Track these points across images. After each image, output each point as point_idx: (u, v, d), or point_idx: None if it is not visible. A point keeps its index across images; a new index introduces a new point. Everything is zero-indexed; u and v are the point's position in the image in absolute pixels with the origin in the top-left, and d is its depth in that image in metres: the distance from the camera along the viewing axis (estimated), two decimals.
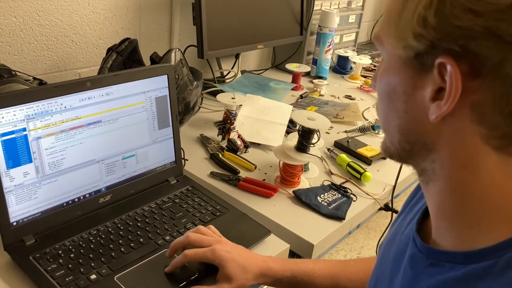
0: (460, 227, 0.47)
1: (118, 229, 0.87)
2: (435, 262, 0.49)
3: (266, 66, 2.02)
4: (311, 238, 0.95)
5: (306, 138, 1.06)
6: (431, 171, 0.48)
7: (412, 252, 0.54)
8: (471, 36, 0.38)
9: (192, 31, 1.46)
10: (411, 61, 0.44)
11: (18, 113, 0.77)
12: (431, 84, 0.43)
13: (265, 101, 1.40)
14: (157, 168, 1.02)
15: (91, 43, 1.38)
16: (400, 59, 0.45)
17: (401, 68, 0.45)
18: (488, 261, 0.43)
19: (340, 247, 2.58)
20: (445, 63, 0.40)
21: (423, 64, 0.43)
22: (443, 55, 0.40)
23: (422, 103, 0.44)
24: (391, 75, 0.47)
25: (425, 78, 0.43)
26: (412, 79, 0.45)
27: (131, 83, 0.93)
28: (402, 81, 0.46)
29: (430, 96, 0.43)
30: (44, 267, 0.76)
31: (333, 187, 1.12)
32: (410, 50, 0.43)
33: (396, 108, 0.47)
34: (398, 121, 0.48)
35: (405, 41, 0.43)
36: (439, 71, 0.41)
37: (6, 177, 0.77)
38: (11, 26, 1.18)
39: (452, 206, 0.47)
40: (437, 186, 0.48)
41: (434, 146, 0.46)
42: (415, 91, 0.45)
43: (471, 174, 0.44)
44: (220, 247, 0.75)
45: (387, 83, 0.48)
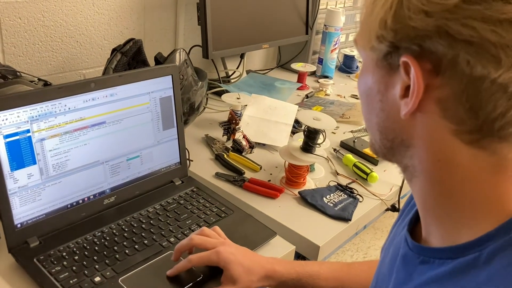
0: (444, 223, 0.48)
1: (123, 230, 0.87)
2: (425, 259, 0.50)
3: (272, 66, 2.01)
4: (317, 240, 0.94)
5: (311, 139, 1.05)
6: (412, 167, 0.49)
7: (404, 252, 0.55)
8: (425, 36, 0.40)
9: (197, 31, 1.45)
10: (381, 62, 0.46)
11: (21, 115, 0.76)
12: (399, 82, 0.45)
13: (271, 101, 1.39)
14: (161, 169, 1.01)
15: (96, 44, 1.37)
16: (372, 60, 0.47)
17: (374, 69, 0.48)
18: (472, 254, 0.44)
19: (346, 248, 2.57)
20: (408, 62, 0.42)
21: (391, 64, 0.45)
22: (405, 54, 0.42)
23: (394, 101, 0.46)
24: (367, 76, 0.49)
25: (394, 77, 0.45)
26: (384, 78, 0.47)
27: (135, 84, 0.92)
28: (375, 81, 0.48)
29: (399, 94, 0.45)
30: (48, 270, 0.76)
31: (339, 187, 1.11)
32: (376, 51, 0.46)
33: (373, 107, 0.49)
34: (376, 119, 0.50)
35: (370, 43, 0.46)
36: (405, 70, 0.43)
37: (10, 179, 0.77)
38: (16, 27, 1.18)
39: (434, 201, 0.49)
40: (418, 183, 0.50)
41: (410, 142, 0.47)
42: (387, 90, 0.47)
43: (446, 168, 0.45)
44: (224, 249, 0.74)
45: (364, 83, 0.50)
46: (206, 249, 0.76)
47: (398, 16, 0.42)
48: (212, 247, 0.76)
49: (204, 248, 0.77)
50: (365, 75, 0.50)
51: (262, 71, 1.91)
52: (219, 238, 0.80)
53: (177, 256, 0.78)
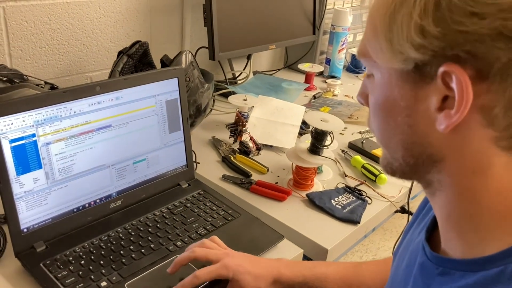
0: (469, 235, 0.46)
1: (129, 234, 0.86)
2: (445, 270, 0.47)
3: (279, 67, 2.00)
4: (325, 243, 0.93)
5: (319, 140, 1.04)
6: (437, 182, 0.47)
7: (422, 261, 0.52)
8: (479, 40, 0.37)
9: (203, 33, 1.45)
10: (408, 73, 0.42)
11: (27, 119, 0.76)
12: (435, 93, 0.41)
13: (278, 102, 1.38)
14: (168, 172, 1.01)
15: (102, 47, 1.37)
16: (396, 72, 0.43)
17: (398, 82, 0.44)
18: (497, 268, 0.42)
19: (356, 249, 2.55)
20: (449, 71, 0.39)
21: (423, 75, 0.41)
22: (447, 63, 0.39)
23: (426, 114, 0.43)
24: (387, 90, 0.45)
25: (427, 89, 0.42)
26: (412, 91, 0.43)
27: (141, 87, 0.92)
28: (401, 95, 0.44)
29: (436, 106, 0.42)
30: (54, 274, 0.75)
31: (347, 189, 1.10)
32: (410, 62, 0.41)
33: (397, 123, 0.45)
34: (401, 136, 0.46)
35: (403, 55, 0.41)
36: (443, 80, 0.40)
37: (16, 184, 0.77)
38: (23, 31, 1.18)
39: (460, 214, 0.46)
40: (444, 196, 0.47)
41: (441, 156, 0.44)
42: (417, 103, 0.43)
43: (480, 179, 0.43)
44: (231, 261, 0.73)
45: (383, 98, 0.46)
46: (209, 261, 0.75)
47: (440, 21, 0.38)
48: (216, 259, 0.74)
49: (207, 260, 0.75)
50: (384, 90, 0.46)
51: (269, 72, 1.90)
52: (220, 249, 0.78)
53: (175, 269, 0.74)
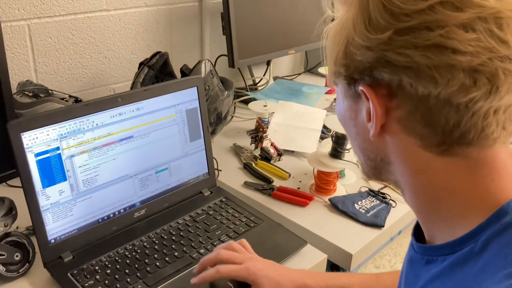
0: (439, 224, 0.51)
1: (153, 243, 0.87)
2: (429, 258, 0.52)
3: (299, 71, 2.00)
4: (350, 248, 0.92)
5: (340, 144, 1.03)
6: (398, 182, 0.53)
7: (410, 255, 0.57)
8: (371, 67, 0.45)
9: (222, 41, 1.46)
10: (347, 92, 0.51)
11: (51, 133, 0.78)
12: (364, 108, 0.49)
13: (298, 107, 1.38)
14: (190, 180, 1.02)
15: (124, 58, 1.40)
16: (340, 91, 0.52)
17: (343, 98, 0.53)
18: (468, 246, 0.46)
19: (384, 252, 2.51)
20: (364, 90, 0.47)
21: (354, 93, 0.50)
22: (361, 84, 0.47)
23: (364, 124, 0.50)
24: (339, 105, 0.54)
25: (359, 104, 0.50)
26: (352, 106, 0.51)
27: (161, 97, 0.93)
28: (347, 109, 0.53)
29: (366, 118, 0.49)
30: (81, 284, 0.77)
31: (371, 193, 1.08)
32: (338, 84, 0.51)
33: (350, 132, 0.54)
34: (355, 142, 0.55)
35: (331, 78, 0.52)
36: (365, 97, 0.48)
37: (43, 196, 0.79)
38: (47, 47, 1.22)
39: (424, 208, 0.52)
40: (407, 194, 0.53)
41: (389, 159, 0.51)
42: (357, 115, 0.51)
43: (425, 178, 0.49)
44: (253, 265, 0.74)
45: (338, 112, 0.55)
46: (234, 264, 0.76)
47: (347, 53, 0.47)
48: (240, 262, 0.75)
49: (232, 263, 0.76)
50: (338, 104, 0.55)
51: (289, 77, 1.90)
52: (246, 253, 0.79)
53: (201, 270, 0.77)
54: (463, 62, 0.41)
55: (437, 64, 0.42)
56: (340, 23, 0.49)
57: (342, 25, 0.48)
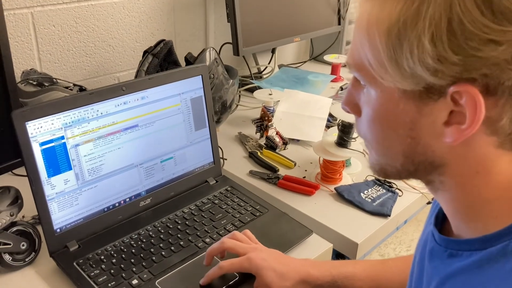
0: (477, 223, 0.48)
1: (159, 232, 0.87)
2: (453, 252, 0.49)
3: (304, 59, 1.98)
4: (355, 237, 0.91)
5: (346, 133, 1.02)
6: (439, 182, 0.48)
7: (431, 247, 0.54)
8: (495, 63, 0.38)
9: (227, 29, 1.44)
10: (414, 92, 0.43)
11: (55, 122, 0.78)
12: (443, 109, 0.42)
13: (304, 95, 1.37)
14: (195, 169, 1.01)
15: (128, 47, 1.39)
16: (400, 90, 0.43)
17: (401, 98, 0.44)
18: (501, 244, 0.43)
19: (389, 241, 2.51)
20: (461, 91, 0.40)
21: (431, 93, 0.42)
22: (458, 84, 0.40)
23: (431, 128, 0.44)
24: (389, 105, 0.45)
25: (432, 105, 0.42)
26: (417, 107, 0.43)
27: (165, 86, 0.92)
28: (405, 110, 0.44)
29: (444, 121, 0.43)
30: (87, 273, 0.77)
31: (377, 182, 1.08)
32: (422, 84, 0.42)
33: (399, 134, 0.46)
34: (402, 146, 0.47)
35: (415, 78, 0.41)
36: (452, 97, 0.41)
37: (48, 185, 0.79)
38: (51, 35, 1.21)
39: (467, 209, 0.48)
40: (447, 194, 0.49)
41: (443, 162, 0.46)
42: (422, 117, 0.44)
43: (484, 178, 0.45)
44: (256, 255, 0.73)
45: (384, 112, 0.46)
46: (237, 253, 0.76)
47: (457, 48, 0.38)
48: (243, 252, 0.75)
49: (235, 252, 0.76)
50: (382, 105, 0.46)
51: (294, 65, 1.89)
52: (250, 243, 0.79)
53: (209, 260, 0.78)
54: None
55: None
56: None
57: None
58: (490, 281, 0.42)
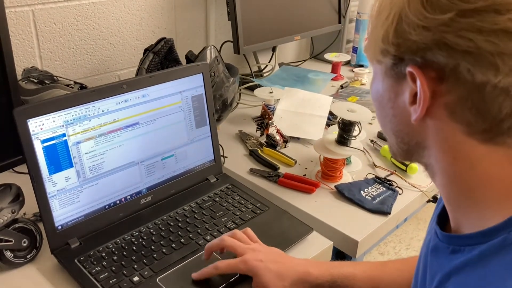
0: (470, 213, 0.49)
1: (160, 230, 0.88)
2: (456, 248, 0.50)
3: (305, 57, 1.99)
4: (356, 235, 0.92)
5: (346, 131, 1.03)
6: (431, 166, 0.52)
7: (433, 244, 0.55)
8: (426, 48, 0.43)
9: (228, 27, 1.45)
10: (389, 71, 0.49)
11: (57, 119, 0.78)
12: (408, 90, 0.48)
13: (304, 94, 1.37)
14: (196, 167, 1.01)
15: (129, 45, 1.39)
16: (381, 70, 0.50)
17: (383, 78, 0.51)
18: (500, 237, 0.45)
19: (389, 239, 2.51)
20: (413, 72, 0.45)
21: (398, 73, 0.48)
22: (410, 65, 0.45)
23: (404, 107, 0.49)
24: (377, 85, 0.52)
25: (402, 85, 0.48)
26: (393, 87, 0.50)
27: (166, 84, 0.92)
28: (385, 89, 0.51)
29: (408, 100, 0.48)
30: (88, 270, 0.77)
31: (377, 180, 1.08)
32: (382, 63, 0.49)
33: (386, 113, 0.53)
34: (390, 125, 0.53)
35: (376, 56, 0.49)
36: (411, 78, 0.46)
37: (49, 182, 0.79)
38: (52, 33, 1.21)
39: (456, 195, 0.50)
40: (439, 179, 0.52)
41: (425, 143, 0.50)
42: (397, 97, 0.50)
43: (464, 165, 0.47)
44: (252, 257, 0.73)
45: (375, 91, 0.53)
46: (235, 252, 0.76)
47: (399, 31, 0.45)
48: (241, 252, 0.75)
49: (234, 251, 0.76)
50: (375, 84, 0.53)
51: (295, 63, 1.89)
52: (250, 243, 0.79)
53: (208, 255, 0.79)
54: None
55: (502, 51, 0.40)
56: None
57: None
58: (493, 273, 0.44)
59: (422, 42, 0.43)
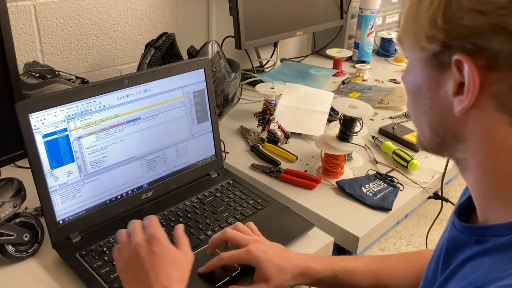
0: (503, 206, 0.48)
1: (161, 225, 0.87)
2: (479, 239, 0.49)
3: (306, 53, 1.98)
4: (356, 231, 0.92)
5: (348, 127, 1.03)
6: (465, 160, 0.50)
7: (451, 235, 0.54)
8: (479, 33, 0.41)
9: (229, 22, 1.44)
10: (431, 60, 0.46)
11: (58, 114, 0.78)
12: (452, 80, 0.45)
13: (306, 89, 1.37)
14: (197, 162, 1.01)
15: (130, 39, 1.39)
16: (420, 59, 0.48)
17: (423, 67, 0.48)
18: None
19: (389, 235, 2.52)
20: (461, 60, 0.43)
21: (442, 62, 0.45)
22: (458, 53, 0.43)
23: (445, 98, 0.47)
24: (415, 74, 0.50)
25: (445, 75, 0.46)
26: (434, 76, 0.47)
27: (168, 79, 0.92)
28: (425, 79, 0.48)
29: (452, 91, 0.45)
30: (90, 264, 0.78)
31: (378, 176, 1.08)
32: (426, 50, 0.46)
33: (423, 104, 0.50)
34: (426, 116, 0.50)
35: (420, 43, 0.46)
36: (457, 68, 0.44)
37: (51, 177, 0.79)
38: (53, 27, 1.21)
39: (491, 190, 0.49)
40: (472, 174, 0.50)
41: (463, 136, 0.48)
42: (438, 87, 0.47)
43: (504, 159, 0.46)
44: (255, 247, 0.74)
45: (412, 81, 0.51)
46: (238, 244, 0.76)
47: (448, 16, 0.42)
48: (244, 243, 0.75)
49: (236, 243, 0.76)
50: (412, 73, 0.50)
51: (296, 59, 1.89)
52: (252, 235, 0.79)
53: (212, 250, 0.79)
54: None
55: None
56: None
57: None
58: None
59: (476, 27, 0.41)
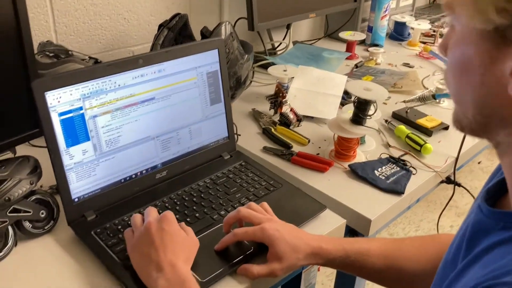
0: None
1: (175, 204, 0.88)
2: (508, 225, 0.47)
3: (319, 36, 1.96)
4: (369, 213, 0.92)
5: (362, 110, 1.02)
6: (507, 145, 0.47)
7: (476, 219, 0.52)
8: None
9: (242, 3, 1.43)
10: (489, 34, 0.43)
11: (74, 93, 0.78)
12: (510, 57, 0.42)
13: (318, 72, 1.36)
14: (210, 143, 1.02)
15: (143, 20, 1.38)
16: (476, 30, 0.44)
17: (477, 40, 0.44)
18: None
19: (398, 220, 2.52)
20: None
21: (503, 37, 0.42)
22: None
23: (500, 76, 0.43)
24: (466, 47, 0.46)
25: (505, 52, 0.42)
26: (490, 52, 0.43)
27: (182, 59, 0.92)
28: (478, 53, 0.45)
29: (510, 70, 0.42)
30: (105, 242, 0.79)
31: (391, 160, 1.08)
32: (491, 23, 0.42)
33: (470, 80, 0.46)
34: (472, 94, 0.47)
35: (485, 15, 0.42)
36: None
37: (66, 155, 0.80)
38: (66, 7, 1.20)
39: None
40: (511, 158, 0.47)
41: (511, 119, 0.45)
42: (493, 64, 0.43)
43: None
44: (269, 226, 0.74)
45: (460, 54, 0.47)
46: (252, 222, 0.77)
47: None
48: (258, 222, 0.76)
49: (250, 221, 0.77)
50: (462, 46, 0.47)
51: (309, 42, 1.87)
52: (265, 214, 0.79)
53: (227, 228, 0.79)
54: None
55: None
56: None
57: None
58: None
59: None
